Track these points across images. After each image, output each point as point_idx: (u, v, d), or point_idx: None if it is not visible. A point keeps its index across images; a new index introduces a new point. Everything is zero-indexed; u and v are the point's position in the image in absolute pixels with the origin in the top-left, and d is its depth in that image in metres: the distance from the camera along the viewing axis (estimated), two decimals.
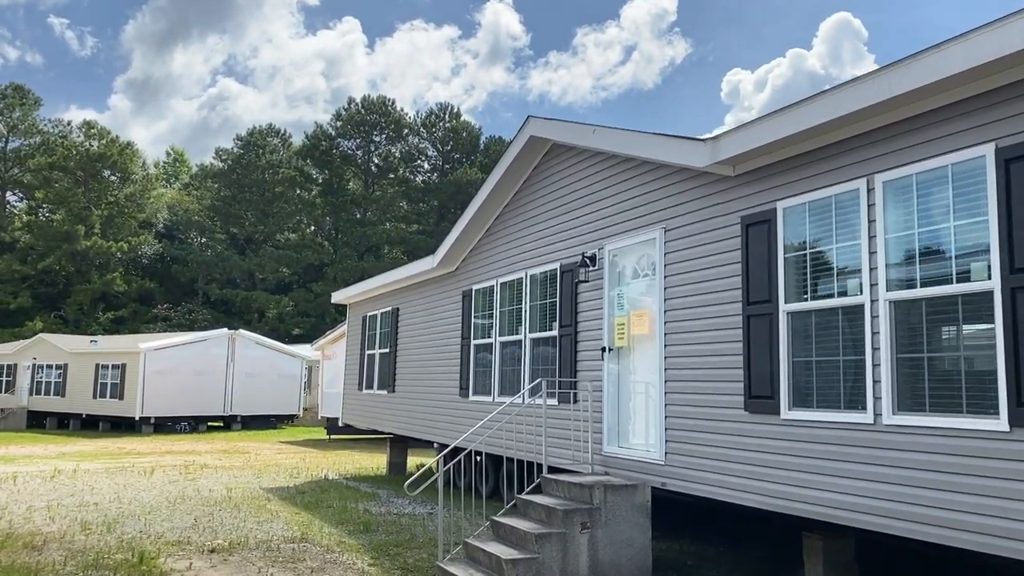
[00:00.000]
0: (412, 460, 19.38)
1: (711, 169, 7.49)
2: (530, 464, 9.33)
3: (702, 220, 7.69)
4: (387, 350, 16.38)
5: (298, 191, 65.33)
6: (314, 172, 65.83)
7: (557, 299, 10.07)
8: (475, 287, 12.55)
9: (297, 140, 67.98)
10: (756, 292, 6.94)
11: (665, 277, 8.15)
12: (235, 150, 66.85)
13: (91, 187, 60.78)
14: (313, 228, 66.99)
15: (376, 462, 20.96)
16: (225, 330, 36.57)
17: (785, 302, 6.66)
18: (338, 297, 19.50)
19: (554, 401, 9.59)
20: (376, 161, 67.26)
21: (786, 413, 6.57)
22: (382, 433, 18.31)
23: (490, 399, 11.69)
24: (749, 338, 6.98)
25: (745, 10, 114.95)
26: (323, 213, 64.33)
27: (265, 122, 69.75)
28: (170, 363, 32.85)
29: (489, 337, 11.95)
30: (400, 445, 18.12)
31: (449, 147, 68.66)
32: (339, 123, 66.57)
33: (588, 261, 9.35)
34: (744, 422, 7.00)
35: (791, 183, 6.69)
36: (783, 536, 8.85)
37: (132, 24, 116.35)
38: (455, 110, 69.78)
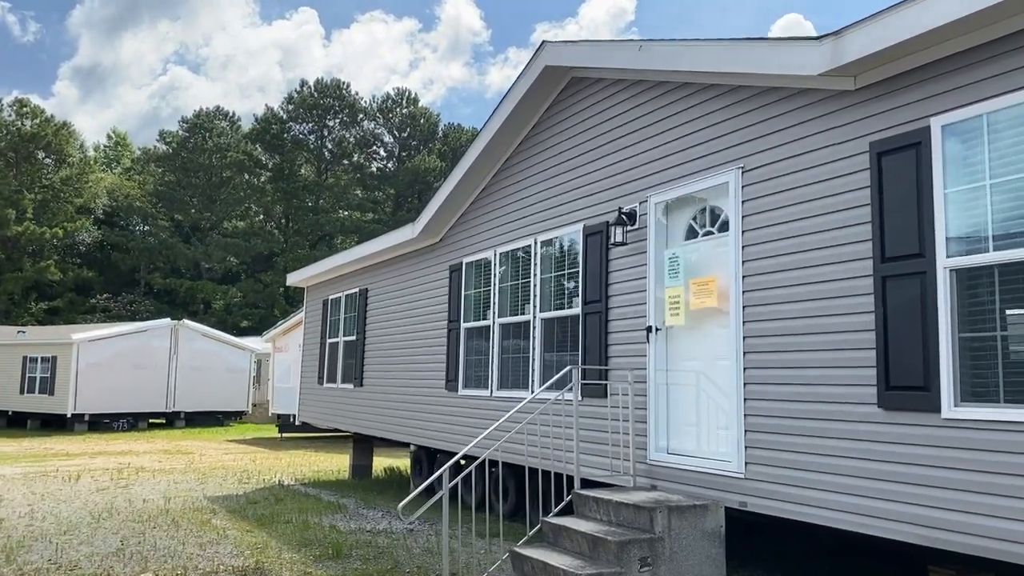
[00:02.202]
0: (378, 461, 17.27)
1: (819, 84, 5.59)
2: (543, 473, 7.33)
3: (803, 153, 5.77)
4: (353, 338, 14.24)
5: (247, 176, 62.22)
6: (264, 157, 62.77)
7: (580, 269, 8.08)
8: (466, 260, 10.50)
9: (247, 125, 64.81)
10: (897, 244, 5.05)
11: (743, 232, 6.22)
12: (180, 133, 63.46)
13: (23, 169, 56.86)
14: (263, 216, 63.94)
15: (336, 464, 18.78)
16: (167, 320, 33.86)
17: (947, 255, 4.78)
18: (294, 279, 17.25)
19: (578, 395, 7.59)
20: (329, 146, 64.49)
21: (950, 410, 4.69)
22: (340, 431, 16.20)
23: (487, 393, 9.67)
24: (885, 307, 5.08)
25: (699, 9, 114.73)
26: (273, 200, 61.33)
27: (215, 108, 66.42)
28: (106, 356, 30.13)
29: (485, 319, 9.92)
30: (364, 445, 16.01)
31: (406, 134, 66.17)
32: (291, 106, 63.59)
33: (625, 219, 7.39)
34: (877, 422, 5.11)
35: (955, 90, 4.80)
36: (872, 562, 7.02)
37: (79, 9, 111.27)
38: (412, 96, 67.26)
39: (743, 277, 6.19)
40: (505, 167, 9.77)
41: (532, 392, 8.69)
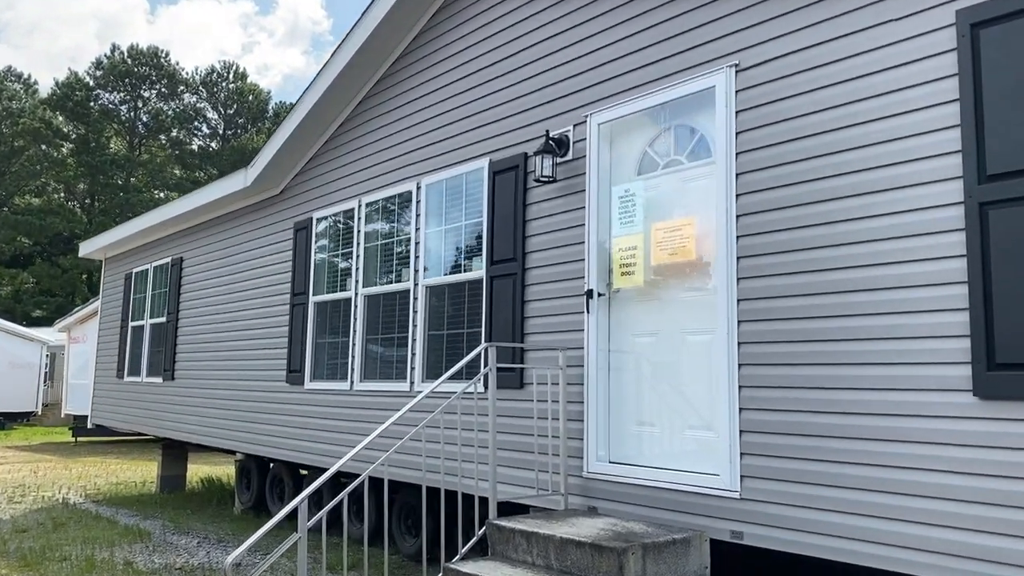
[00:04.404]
0: (194, 469, 14.43)
1: None
2: (431, 491, 5.30)
3: (838, 37, 4.06)
4: (163, 320, 11.46)
5: (44, 147, 55.14)
6: (66, 127, 55.93)
7: (484, 218, 6.07)
8: (318, 214, 8.19)
9: (47, 92, 57.53)
10: (1006, 155, 3.42)
11: (738, 156, 4.46)
12: None
13: None
14: (63, 192, 57.01)
15: (141, 473, 15.66)
16: None
17: None
18: (89, 249, 14.05)
19: (493, 386, 5.60)
20: (144, 119, 58.51)
21: None
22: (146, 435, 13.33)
23: (345, 386, 7.44)
24: (985, 248, 3.45)
25: None
26: (76, 175, 54.74)
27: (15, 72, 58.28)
28: None
29: (345, 290, 7.68)
30: (176, 451, 13.16)
31: (233, 110, 61.29)
32: (99, 73, 57.09)
33: (554, 146, 5.46)
34: (971, 418, 3.47)
35: None
36: None
37: None
38: (240, 70, 62.40)
39: (737, 218, 4.43)
40: (375, 92, 7.56)
41: (411, 383, 6.59)
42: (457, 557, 4.58)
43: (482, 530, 4.72)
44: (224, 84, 61.22)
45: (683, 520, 4.49)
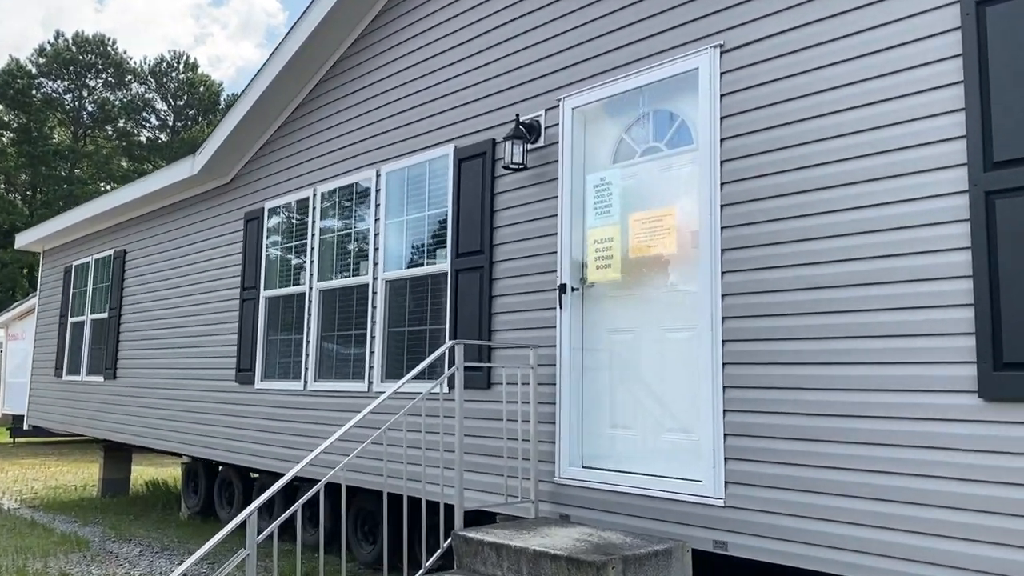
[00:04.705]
0: (139, 471, 13.85)
1: None
2: (393, 498, 4.96)
3: (831, 16, 3.82)
4: (105, 315, 10.89)
5: None
6: (6, 115, 53.98)
7: (449, 208, 5.73)
8: (270, 204, 7.76)
9: None
10: (1013, 141, 3.21)
11: (722, 142, 4.19)
12: None
13: None
14: (4, 183, 55.02)
15: (83, 475, 14.98)
16: None
17: None
18: (26, 240, 13.37)
19: (461, 386, 5.27)
20: (89, 109, 56.74)
21: None
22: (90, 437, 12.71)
23: (299, 387, 7.04)
24: (991, 239, 3.23)
25: None
26: (17, 165, 52.82)
27: None
28: None
29: (298, 284, 7.27)
30: (120, 453, 12.56)
31: (183, 102, 59.81)
32: (42, 60, 55.21)
33: (523, 131, 5.15)
34: (976, 420, 3.25)
35: None
36: None
37: None
38: (191, 60, 60.92)
39: (721, 208, 4.16)
40: (333, 75, 7.16)
41: (369, 383, 6.23)
42: (421, 571, 4.25)
43: (448, 541, 4.39)
44: (174, 75, 59.73)
45: (663, 529, 4.22)
